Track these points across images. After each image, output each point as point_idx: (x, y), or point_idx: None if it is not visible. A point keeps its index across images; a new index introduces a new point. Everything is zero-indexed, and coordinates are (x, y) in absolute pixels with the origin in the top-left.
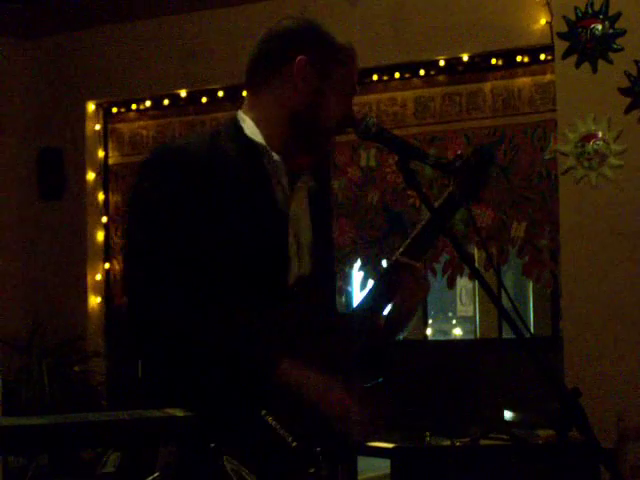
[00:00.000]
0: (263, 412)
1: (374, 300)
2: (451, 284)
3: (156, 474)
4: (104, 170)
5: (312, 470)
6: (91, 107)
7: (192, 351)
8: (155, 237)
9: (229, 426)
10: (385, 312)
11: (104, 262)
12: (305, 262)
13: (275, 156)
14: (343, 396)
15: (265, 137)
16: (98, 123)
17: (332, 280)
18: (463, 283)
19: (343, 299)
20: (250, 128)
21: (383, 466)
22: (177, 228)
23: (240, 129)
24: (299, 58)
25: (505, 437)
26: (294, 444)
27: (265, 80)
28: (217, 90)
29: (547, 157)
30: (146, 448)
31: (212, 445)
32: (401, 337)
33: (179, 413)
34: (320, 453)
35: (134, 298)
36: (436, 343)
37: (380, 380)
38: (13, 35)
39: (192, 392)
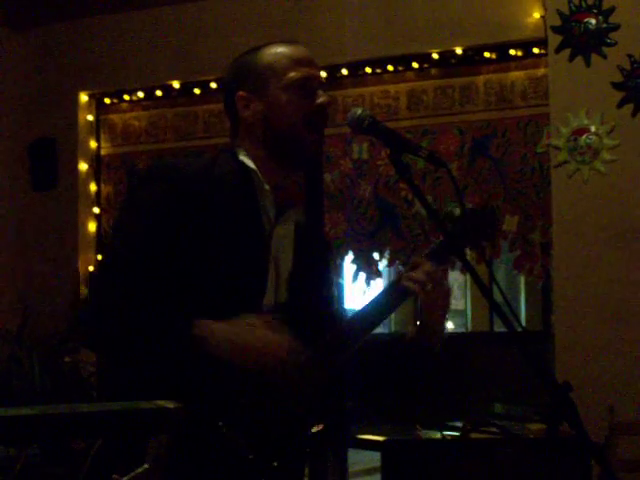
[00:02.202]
0: (220, 423)
1: (376, 310)
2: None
3: (146, 466)
4: (96, 161)
5: None
6: (84, 98)
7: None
8: (132, 248)
9: (187, 437)
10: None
11: (96, 253)
12: (282, 292)
13: (265, 185)
14: (278, 351)
15: (256, 165)
16: (90, 114)
17: (329, 302)
18: (454, 277)
19: (335, 291)
20: (243, 155)
21: (373, 459)
22: (157, 243)
23: (235, 154)
24: (237, 96)
25: (496, 430)
26: (251, 456)
27: (232, 117)
28: (210, 81)
29: (540, 151)
30: (135, 439)
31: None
32: (437, 349)
33: (170, 404)
34: (278, 467)
35: (95, 303)
36: None
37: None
38: (5, 25)
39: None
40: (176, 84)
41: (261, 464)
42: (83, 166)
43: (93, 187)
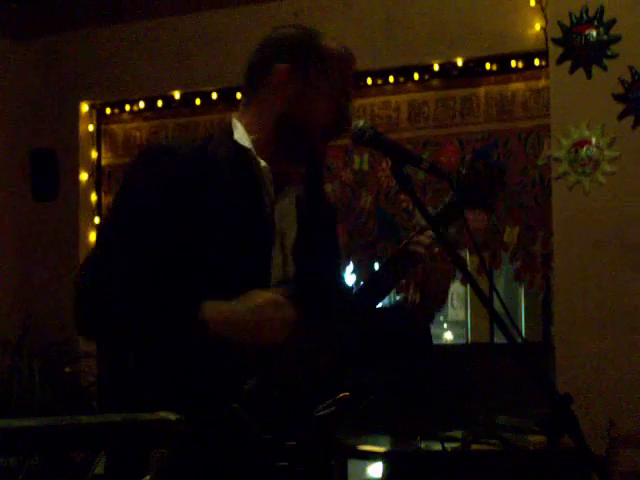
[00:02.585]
0: (235, 405)
1: (385, 278)
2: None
3: (147, 477)
4: (97, 171)
5: (284, 464)
6: (84, 108)
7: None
8: (126, 231)
9: (199, 420)
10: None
11: None
12: (289, 267)
13: (262, 162)
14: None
15: (253, 142)
16: (91, 124)
17: (338, 273)
18: (455, 287)
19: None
20: (240, 133)
21: (374, 470)
22: (153, 226)
23: (230, 134)
24: (279, 67)
25: (496, 442)
26: (265, 437)
27: (254, 87)
28: (211, 92)
29: (540, 163)
30: (136, 451)
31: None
32: (438, 310)
33: (171, 416)
34: (294, 447)
35: (91, 288)
36: None
37: (421, 365)
38: (6, 35)
39: (159, 390)
40: (177, 94)
41: (277, 444)
42: (84, 176)
43: (94, 197)
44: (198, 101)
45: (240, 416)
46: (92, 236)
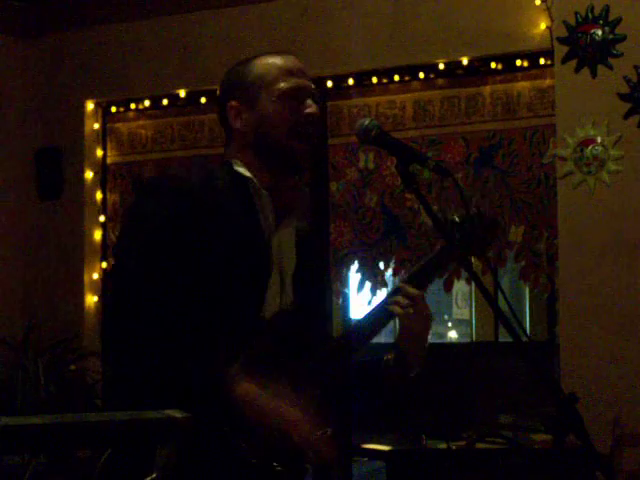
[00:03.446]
0: (225, 428)
1: (372, 322)
2: (448, 287)
3: (153, 475)
4: (102, 169)
5: None
6: (90, 106)
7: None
8: (142, 263)
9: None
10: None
11: (101, 261)
12: (287, 296)
13: (263, 192)
14: (300, 423)
15: (252, 173)
16: (97, 122)
17: (325, 313)
18: (459, 286)
19: (340, 301)
20: (239, 165)
21: (379, 469)
22: (163, 256)
23: (231, 165)
24: (229, 105)
25: (501, 441)
26: (254, 461)
27: (226, 128)
28: (216, 90)
29: (545, 162)
30: (142, 449)
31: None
32: (413, 373)
33: (178, 414)
34: (281, 472)
35: (113, 323)
36: (431, 346)
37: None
38: (12, 34)
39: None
40: (182, 93)
41: (263, 468)
42: (89, 174)
43: (99, 195)
44: (203, 99)
45: (229, 439)
46: (97, 234)
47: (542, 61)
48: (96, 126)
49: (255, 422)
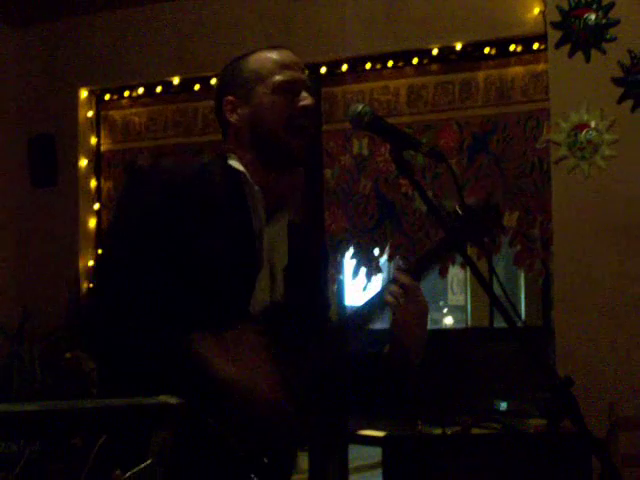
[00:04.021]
0: (210, 420)
1: (368, 310)
2: (443, 273)
3: (148, 461)
4: (96, 157)
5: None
6: (83, 94)
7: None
8: (127, 252)
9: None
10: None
11: (96, 249)
12: (278, 291)
13: (255, 187)
14: (269, 395)
15: (245, 167)
16: (90, 110)
17: (324, 303)
18: (454, 272)
19: (335, 287)
20: (233, 159)
21: (374, 455)
22: (150, 247)
23: (225, 159)
24: (225, 100)
25: (496, 426)
26: (241, 453)
27: (223, 123)
28: (210, 77)
29: (539, 146)
30: (137, 435)
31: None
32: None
33: (172, 400)
34: (268, 464)
35: (95, 309)
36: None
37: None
38: (5, 22)
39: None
40: (176, 80)
41: (251, 460)
42: (83, 162)
43: (93, 183)
44: (197, 87)
45: (215, 431)
46: (91, 222)
47: (536, 46)
48: (90, 114)
49: (213, 376)
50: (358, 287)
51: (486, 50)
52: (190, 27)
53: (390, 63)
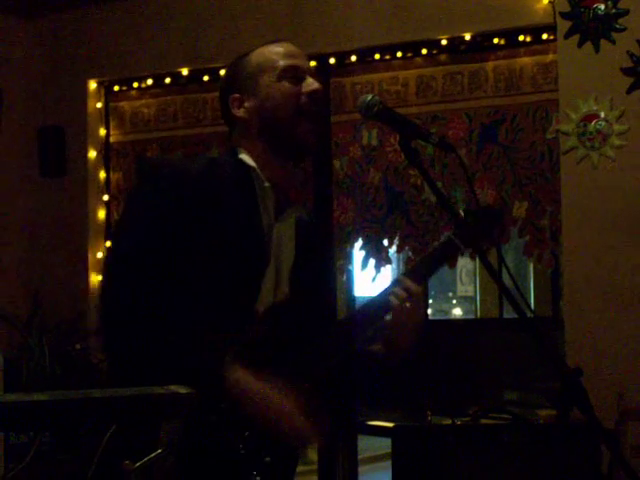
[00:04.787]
0: (214, 418)
1: (375, 309)
2: (452, 264)
3: (159, 451)
4: (105, 148)
5: (259, 478)
6: (92, 85)
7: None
8: (136, 246)
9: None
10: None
11: (105, 240)
12: (282, 289)
13: (265, 182)
14: (283, 409)
15: (256, 162)
16: (99, 101)
17: (330, 300)
18: (463, 263)
19: (344, 278)
20: (243, 154)
21: (384, 445)
22: (158, 242)
23: (235, 154)
24: (232, 97)
25: (506, 416)
26: (242, 452)
27: (229, 121)
28: (218, 68)
29: (549, 137)
30: (147, 425)
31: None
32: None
33: (182, 390)
34: (270, 463)
35: (106, 309)
36: (436, 323)
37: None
38: (14, 14)
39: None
40: (185, 71)
41: (253, 459)
42: (92, 153)
43: (102, 174)
44: (206, 77)
45: (217, 429)
46: (101, 213)
47: (545, 36)
48: (99, 105)
49: (246, 409)
50: (367, 278)
51: (495, 40)
52: (199, 18)
53: (399, 54)
